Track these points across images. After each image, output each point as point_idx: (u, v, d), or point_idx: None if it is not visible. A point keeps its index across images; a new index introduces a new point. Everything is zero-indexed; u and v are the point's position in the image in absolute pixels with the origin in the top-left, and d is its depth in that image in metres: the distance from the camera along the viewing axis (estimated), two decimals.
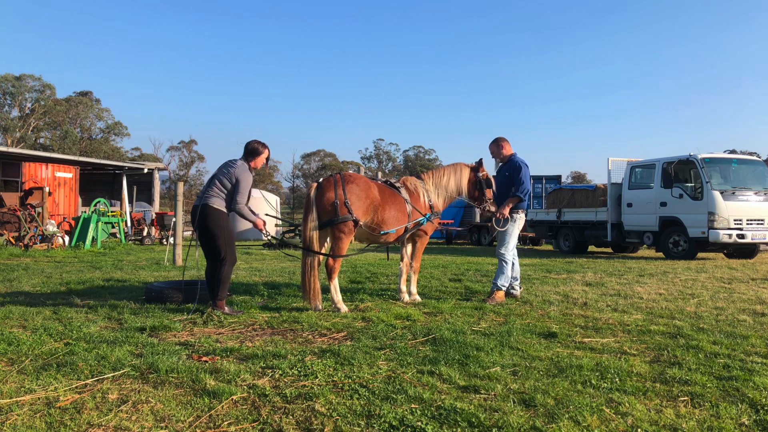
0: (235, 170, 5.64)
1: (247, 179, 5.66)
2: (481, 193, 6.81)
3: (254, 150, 5.81)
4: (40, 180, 20.64)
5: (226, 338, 4.67)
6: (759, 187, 13.71)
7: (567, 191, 18.57)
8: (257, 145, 5.84)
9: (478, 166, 6.86)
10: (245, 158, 5.81)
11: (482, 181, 6.80)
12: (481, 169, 6.84)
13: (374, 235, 6.22)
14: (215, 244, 5.66)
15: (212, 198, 5.63)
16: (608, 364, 3.86)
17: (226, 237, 5.69)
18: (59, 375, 3.56)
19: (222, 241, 5.66)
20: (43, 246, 16.03)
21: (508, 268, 6.75)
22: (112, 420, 2.86)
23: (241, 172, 5.63)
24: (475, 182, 6.81)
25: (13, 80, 56.83)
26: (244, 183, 5.61)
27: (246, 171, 5.68)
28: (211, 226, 5.62)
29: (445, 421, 2.85)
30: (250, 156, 5.80)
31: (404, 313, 5.68)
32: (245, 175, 5.65)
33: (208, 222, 5.60)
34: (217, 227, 5.62)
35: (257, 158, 5.82)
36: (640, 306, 6.34)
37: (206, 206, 5.60)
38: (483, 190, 6.81)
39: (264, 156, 5.87)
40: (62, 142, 57.33)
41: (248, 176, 5.69)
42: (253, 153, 5.80)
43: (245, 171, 5.67)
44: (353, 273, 9.53)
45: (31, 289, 7.46)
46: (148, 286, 6.60)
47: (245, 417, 2.93)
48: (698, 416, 2.97)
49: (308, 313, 5.69)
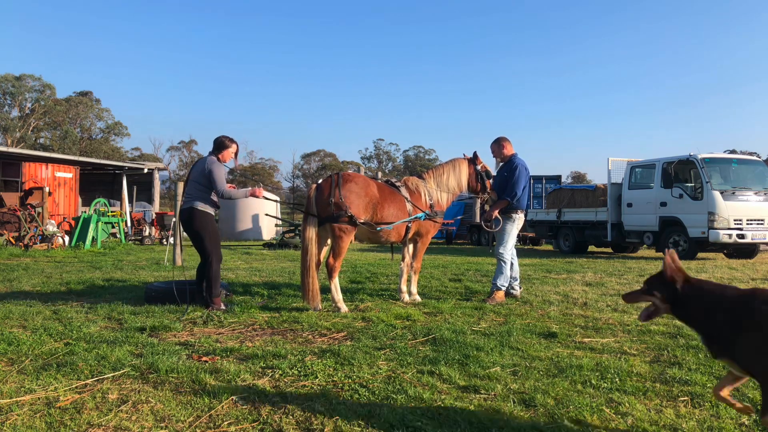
0: (206, 165, 5.89)
1: (219, 169, 5.89)
2: (483, 185, 6.95)
3: (221, 144, 6.04)
4: (40, 180, 20.64)
5: (226, 338, 4.67)
6: (759, 187, 13.71)
7: (567, 191, 18.58)
8: (224, 139, 6.08)
9: (475, 158, 6.95)
10: (213, 152, 6.04)
11: (481, 173, 6.91)
12: (477, 161, 6.94)
13: (375, 233, 6.23)
14: (202, 245, 5.95)
15: (195, 201, 5.91)
16: (608, 364, 3.86)
17: (211, 237, 5.96)
18: (59, 375, 3.56)
19: (207, 242, 5.94)
20: (43, 246, 16.04)
21: (507, 268, 6.76)
22: (112, 420, 2.86)
23: (211, 164, 5.88)
24: (475, 175, 6.92)
25: (13, 80, 56.82)
26: (217, 173, 5.84)
27: (215, 163, 5.92)
28: (196, 228, 5.92)
29: (445, 422, 2.85)
30: (217, 150, 6.03)
31: (404, 313, 5.68)
32: (215, 166, 5.88)
33: (194, 224, 5.91)
34: (202, 228, 5.92)
35: (224, 152, 6.04)
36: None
37: (191, 209, 5.89)
38: (484, 182, 6.94)
39: (231, 150, 6.10)
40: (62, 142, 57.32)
41: (219, 167, 5.92)
42: (220, 147, 6.04)
43: (214, 163, 5.91)
44: (353, 273, 9.53)
45: (31, 289, 7.46)
46: (148, 286, 6.61)
47: (245, 417, 2.93)
48: (698, 416, 2.97)
49: (308, 313, 5.69)
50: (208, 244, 5.92)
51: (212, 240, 5.96)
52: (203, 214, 5.89)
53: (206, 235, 5.91)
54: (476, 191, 7.02)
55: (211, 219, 6.01)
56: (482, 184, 6.95)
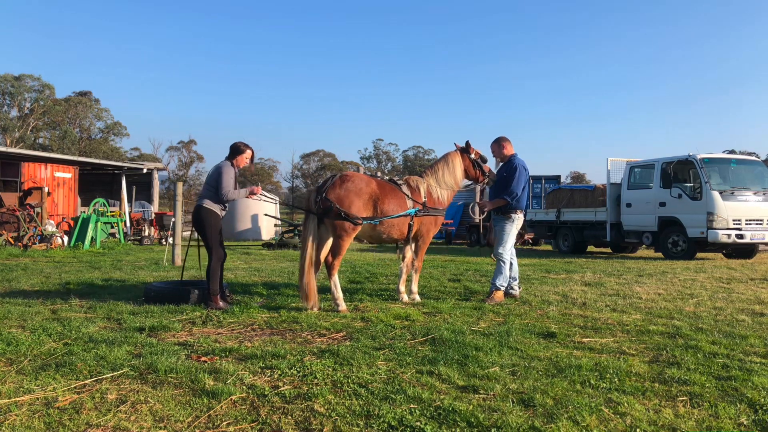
0: (218, 169, 6.17)
1: (228, 173, 6.12)
2: (482, 171, 6.92)
3: (237, 149, 6.30)
4: (39, 180, 20.62)
5: (225, 338, 4.67)
6: (758, 187, 13.71)
7: (566, 191, 18.59)
8: (240, 144, 6.32)
9: (467, 147, 6.90)
10: (229, 157, 6.30)
11: (476, 161, 6.88)
12: (470, 150, 6.89)
13: (376, 231, 6.25)
14: (205, 242, 6.19)
15: (203, 199, 6.17)
16: (607, 364, 3.86)
17: (213, 235, 6.14)
18: (58, 375, 3.56)
19: (209, 239, 6.14)
20: (42, 246, 16.02)
21: (506, 268, 6.75)
22: (111, 420, 2.86)
23: (222, 167, 6.15)
24: (471, 164, 6.89)
25: (12, 80, 56.74)
26: (225, 176, 6.09)
27: (227, 167, 6.16)
28: (200, 225, 6.15)
29: (444, 421, 2.85)
30: (233, 155, 6.29)
31: (403, 313, 5.68)
32: (226, 170, 6.14)
33: (199, 221, 6.15)
34: (207, 225, 6.12)
35: (239, 157, 6.29)
36: (639, 306, 6.35)
37: (199, 207, 6.16)
38: (482, 168, 6.92)
39: (246, 156, 6.34)
40: (61, 142, 57.25)
41: (229, 170, 6.14)
42: (235, 152, 6.30)
43: (226, 167, 6.16)
44: (352, 273, 9.53)
45: (30, 289, 7.45)
46: (147, 286, 6.61)
47: (244, 417, 2.92)
48: (697, 416, 2.98)
49: (307, 313, 5.69)
50: (209, 242, 6.12)
51: (213, 237, 6.13)
52: (208, 211, 6.10)
53: (209, 232, 6.11)
54: (477, 179, 7.00)
55: (216, 217, 6.16)
56: (481, 170, 6.91)
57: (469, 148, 6.89)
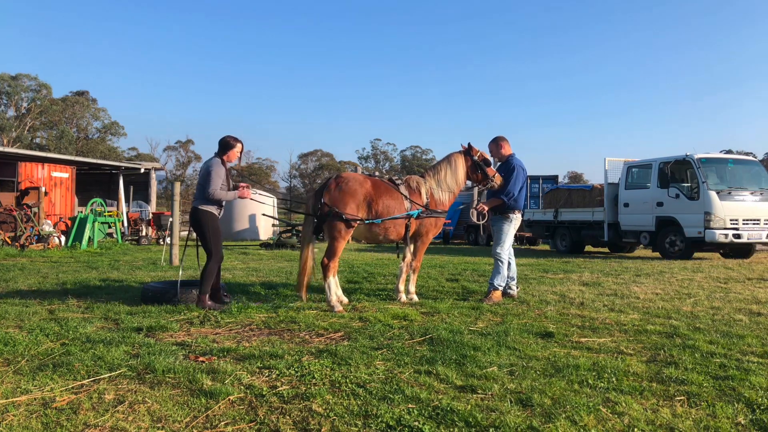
0: (208, 167, 6.00)
1: (217, 171, 5.94)
2: (484, 174, 6.77)
3: (226, 144, 6.10)
4: (37, 180, 20.57)
5: (223, 338, 4.66)
6: (755, 187, 13.74)
7: (564, 191, 18.60)
8: (229, 139, 6.12)
9: (469, 149, 6.81)
10: (218, 153, 6.11)
11: (479, 163, 6.76)
12: (473, 151, 6.79)
13: (372, 231, 6.25)
14: (204, 244, 6.07)
15: (198, 200, 6.05)
16: (605, 363, 3.86)
17: (210, 236, 6.03)
18: (55, 375, 3.55)
19: (207, 240, 6.03)
20: (39, 246, 15.98)
21: (503, 268, 6.76)
22: (109, 420, 2.86)
23: (211, 165, 5.98)
24: (473, 166, 6.78)
25: (9, 80, 56.55)
26: (213, 173, 5.92)
27: (216, 164, 5.99)
28: (197, 227, 6.05)
29: (442, 421, 2.85)
30: (222, 151, 6.10)
31: (401, 313, 5.68)
32: (215, 168, 5.96)
33: (197, 224, 6.04)
34: (204, 226, 6.01)
35: (230, 152, 6.11)
36: (636, 306, 6.36)
37: (194, 209, 6.05)
38: (484, 170, 6.76)
39: (237, 150, 6.15)
40: (58, 142, 57.08)
41: (218, 168, 5.97)
42: (225, 147, 6.10)
43: (215, 164, 5.99)
44: (350, 273, 9.53)
45: (27, 290, 7.44)
46: (144, 286, 6.60)
47: (242, 417, 2.92)
48: (695, 416, 2.98)
49: (305, 313, 5.69)
50: (207, 243, 6.02)
51: (212, 239, 6.02)
52: (203, 212, 5.97)
53: (207, 233, 6.00)
54: (479, 182, 6.87)
55: (213, 218, 6.03)
56: (483, 173, 6.76)
57: (471, 150, 6.80)
